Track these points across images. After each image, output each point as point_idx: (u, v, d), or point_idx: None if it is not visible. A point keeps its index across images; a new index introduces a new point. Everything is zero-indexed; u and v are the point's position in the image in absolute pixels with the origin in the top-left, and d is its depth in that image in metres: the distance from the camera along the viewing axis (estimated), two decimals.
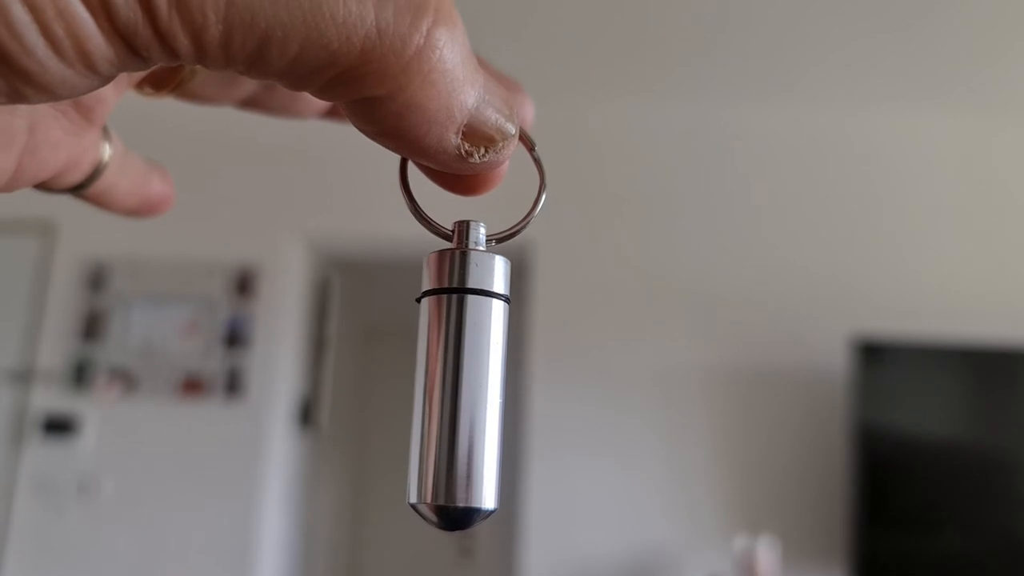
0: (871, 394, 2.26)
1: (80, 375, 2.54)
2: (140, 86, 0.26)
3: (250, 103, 0.29)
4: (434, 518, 0.21)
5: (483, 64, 0.21)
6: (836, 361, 2.39)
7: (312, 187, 2.70)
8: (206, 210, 2.61)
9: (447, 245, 0.23)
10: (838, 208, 2.62)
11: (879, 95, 2.57)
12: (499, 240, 0.24)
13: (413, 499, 0.21)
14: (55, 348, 2.57)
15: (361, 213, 2.67)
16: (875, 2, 2.16)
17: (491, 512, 0.21)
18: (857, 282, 2.55)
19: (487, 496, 0.21)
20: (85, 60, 0.17)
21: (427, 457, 0.21)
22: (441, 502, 0.21)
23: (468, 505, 0.21)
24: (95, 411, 2.52)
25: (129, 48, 0.17)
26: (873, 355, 2.27)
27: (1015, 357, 2.27)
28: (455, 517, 0.21)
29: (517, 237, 0.25)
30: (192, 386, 2.53)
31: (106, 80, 0.18)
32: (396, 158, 0.22)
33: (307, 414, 2.89)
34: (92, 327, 2.58)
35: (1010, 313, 2.48)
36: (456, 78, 0.19)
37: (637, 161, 2.69)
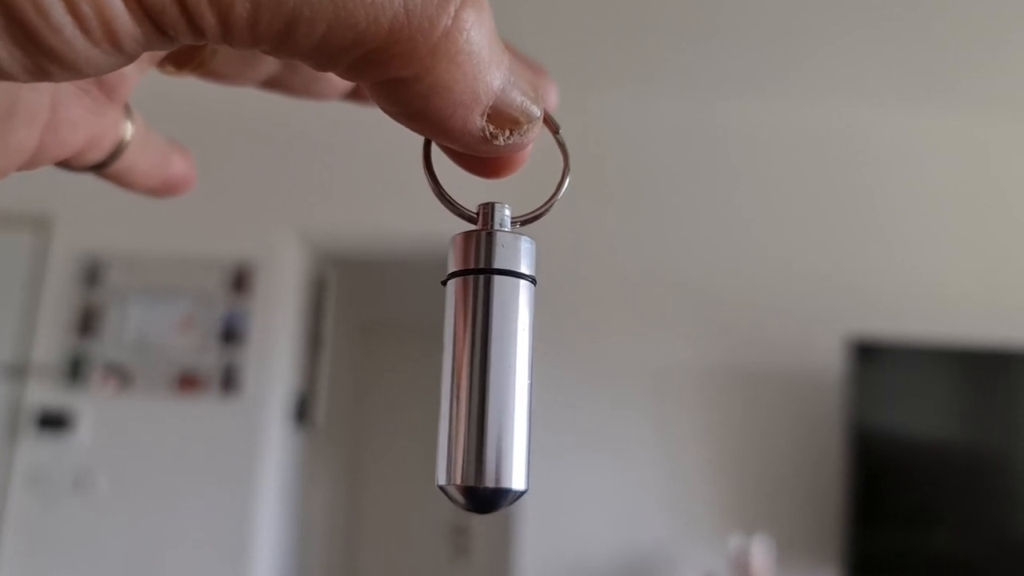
0: (866, 394, 2.26)
1: (75, 370, 2.53)
2: (162, 64, 0.26)
3: (271, 83, 0.29)
4: (463, 500, 0.21)
5: (508, 47, 0.21)
6: (831, 361, 2.39)
7: (309, 183, 2.70)
8: (202, 206, 2.59)
9: (471, 227, 0.23)
10: (835, 207, 2.63)
11: (877, 92, 2.58)
12: (524, 222, 0.24)
13: (442, 481, 0.21)
14: (50, 343, 2.56)
15: (358, 209, 2.67)
16: None
17: (521, 493, 0.21)
18: (853, 282, 2.55)
19: (517, 476, 0.21)
20: (112, 39, 0.17)
21: (456, 438, 0.21)
22: (471, 483, 0.20)
23: (498, 486, 0.21)
24: (90, 406, 2.51)
25: (156, 27, 0.17)
26: (868, 355, 2.28)
27: (1009, 358, 2.27)
28: (484, 498, 0.21)
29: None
30: (188, 382, 2.52)
31: (131, 58, 0.18)
32: (393, 156, 0.23)
33: (303, 410, 2.89)
34: (87, 322, 2.57)
35: (1005, 313, 2.48)
36: (483, 60, 0.19)
37: (633, 158, 2.69)
